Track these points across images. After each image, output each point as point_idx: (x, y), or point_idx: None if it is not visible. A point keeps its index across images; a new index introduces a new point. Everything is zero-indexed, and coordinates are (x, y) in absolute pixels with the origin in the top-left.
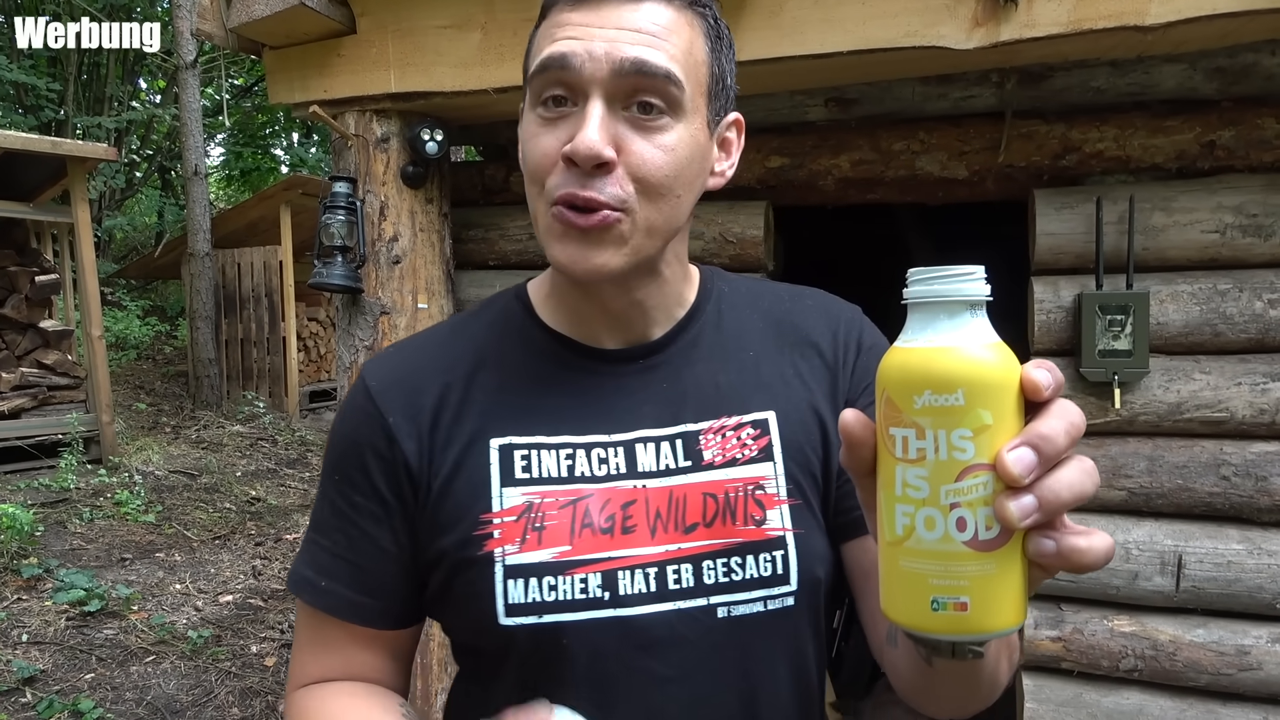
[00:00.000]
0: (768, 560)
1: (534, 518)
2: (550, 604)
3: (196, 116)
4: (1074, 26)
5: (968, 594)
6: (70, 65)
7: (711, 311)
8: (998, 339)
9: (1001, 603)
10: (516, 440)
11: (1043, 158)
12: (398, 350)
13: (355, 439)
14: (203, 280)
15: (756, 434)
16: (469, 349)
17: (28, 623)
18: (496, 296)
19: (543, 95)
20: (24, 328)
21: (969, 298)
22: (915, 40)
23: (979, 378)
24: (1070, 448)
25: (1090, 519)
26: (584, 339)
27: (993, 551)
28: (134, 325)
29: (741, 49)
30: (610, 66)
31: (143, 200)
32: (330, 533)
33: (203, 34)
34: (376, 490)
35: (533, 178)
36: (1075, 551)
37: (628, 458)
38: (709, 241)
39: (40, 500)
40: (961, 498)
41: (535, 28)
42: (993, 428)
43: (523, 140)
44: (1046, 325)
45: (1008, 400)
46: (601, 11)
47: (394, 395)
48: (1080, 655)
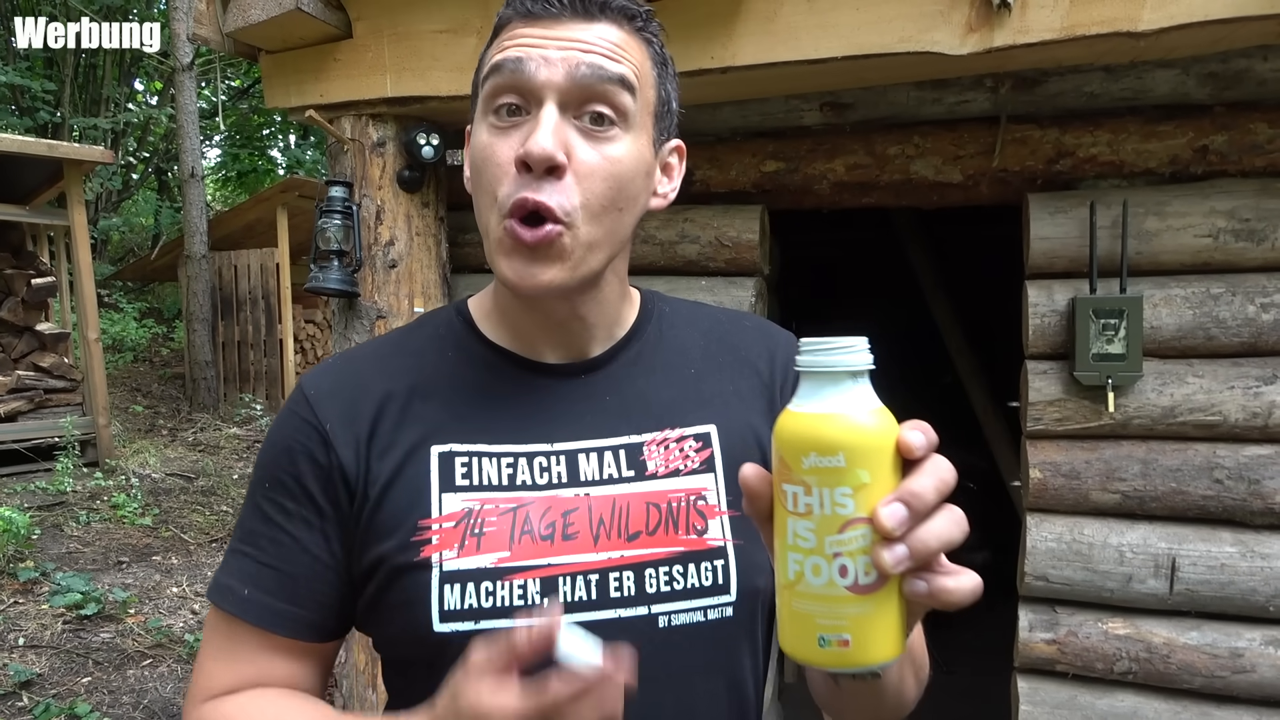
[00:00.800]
0: (708, 570)
1: (473, 524)
2: (487, 610)
3: (193, 119)
4: (1067, 32)
5: (849, 632)
6: (66, 67)
7: (653, 330)
8: (878, 404)
9: (880, 638)
10: (457, 448)
11: (1037, 162)
12: (337, 361)
13: (290, 445)
14: (199, 282)
15: (699, 446)
16: (410, 361)
17: (24, 626)
18: (436, 311)
19: (495, 104)
20: (20, 330)
21: (851, 368)
22: (909, 46)
23: (858, 442)
24: (939, 501)
25: (1084, 522)
26: (526, 353)
27: (871, 594)
28: (131, 327)
29: (736, 54)
30: (566, 71)
31: (139, 202)
32: (258, 541)
33: (199, 39)
34: (310, 496)
35: (485, 188)
36: (944, 591)
37: (569, 467)
38: (704, 245)
39: (37, 503)
40: (844, 548)
41: (487, 46)
42: (870, 485)
43: (473, 151)
44: (1041, 329)
45: (884, 460)
46: (556, 27)
47: (331, 404)
48: (1075, 658)
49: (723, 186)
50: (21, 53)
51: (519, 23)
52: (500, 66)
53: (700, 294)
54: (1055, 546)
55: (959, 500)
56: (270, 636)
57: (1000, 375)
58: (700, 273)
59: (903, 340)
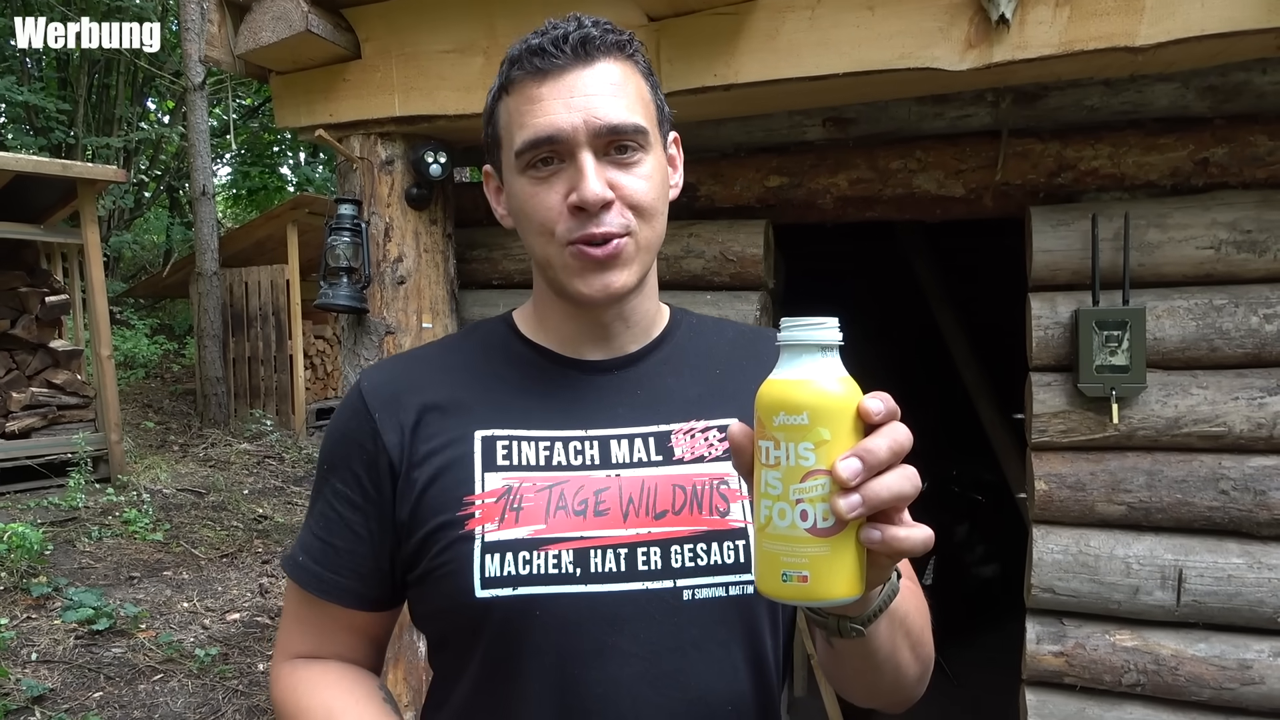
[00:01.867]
0: (730, 549)
1: (512, 499)
2: (524, 577)
3: (204, 137)
4: (1065, 48)
5: (808, 569)
6: (80, 87)
7: (682, 336)
8: (844, 375)
9: (836, 576)
10: (499, 432)
11: (1038, 175)
12: (393, 360)
13: (344, 432)
14: (210, 299)
15: (722, 437)
16: (458, 361)
17: (37, 641)
18: (484, 322)
19: (533, 161)
20: (34, 348)
21: (819, 342)
22: (909, 62)
23: (820, 404)
24: (893, 459)
25: (1090, 534)
26: (568, 353)
27: (828, 537)
28: (142, 344)
29: (739, 72)
30: (590, 130)
31: (151, 219)
32: (315, 516)
33: (211, 60)
34: (357, 479)
35: (540, 229)
36: (895, 540)
37: (602, 451)
38: (709, 260)
39: (49, 519)
40: (805, 495)
41: (496, 98)
42: (830, 443)
43: (518, 200)
44: (1044, 341)
45: (844, 421)
46: (564, 81)
47: (382, 396)
48: (1082, 670)
49: (727, 201)
50: (36, 74)
51: (530, 81)
52: (537, 143)
53: (705, 308)
54: (1062, 558)
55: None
56: (324, 605)
57: (1007, 386)
58: (705, 287)
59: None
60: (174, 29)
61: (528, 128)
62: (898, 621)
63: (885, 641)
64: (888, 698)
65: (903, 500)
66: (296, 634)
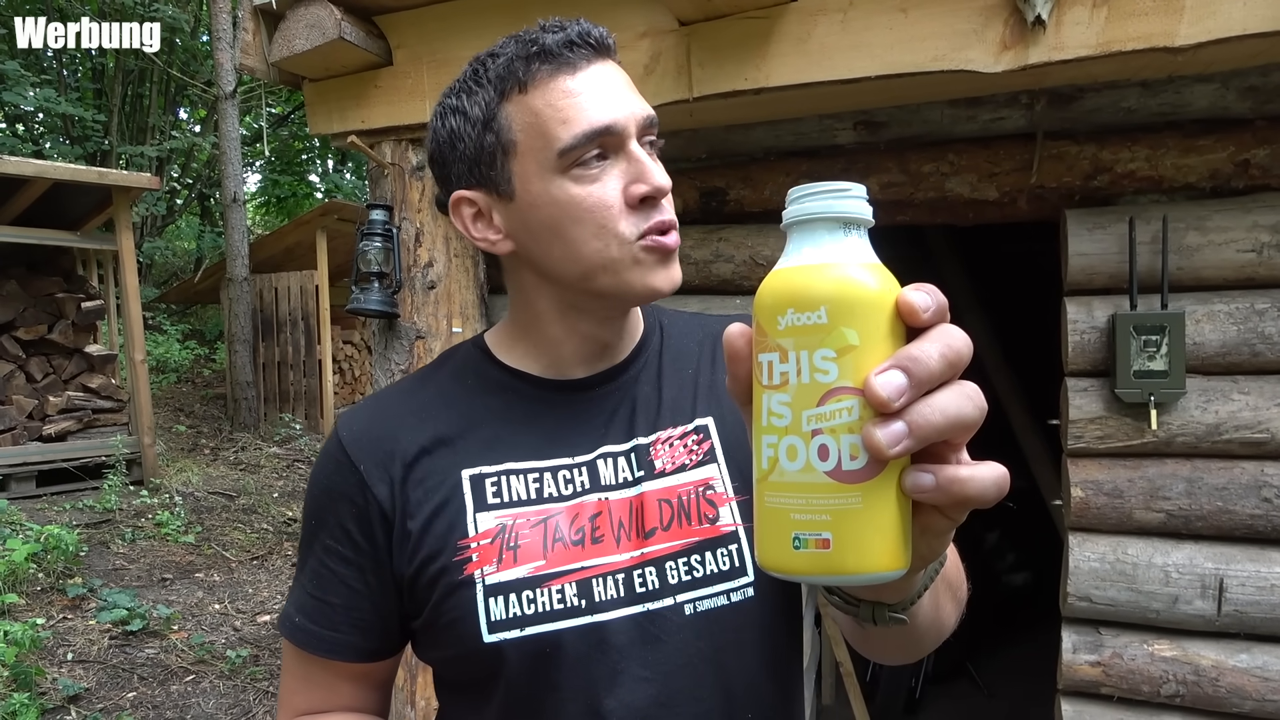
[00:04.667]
0: (724, 555)
1: (508, 538)
2: (531, 616)
3: (235, 145)
4: (1103, 49)
5: (830, 529)
6: (114, 97)
7: (657, 339)
8: (875, 260)
9: (869, 541)
10: (486, 469)
11: (1074, 178)
12: (369, 403)
13: (329, 486)
14: (241, 304)
15: (699, 439)
16: (435, 396)
17: (72, 641)
18: (455, 348)
19: (583, 158)
20: (70, 352)
21: (842, 215)
22: (943, 64)
23: (844, 294)
24: (948, 372)
25: (1128, 541)
26: (549, 373)
27: (859, 484)
28: (174, 349)
29: (770, 75)
30: (638, 122)
31: (183, 226)
32: (307, 573)
33: (246, 69)
34: (348, 534)
35: (600, 230)
36: (955, 482)
37: (590, 475)
38: (739, 265)
39: (85, 521)
40: (824, 423)
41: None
42: (859, 349)
43: (566, 204)
44: (1080, 346)
45: (878, 321)
46: (594, 74)
47: (365, 445)
48: (1120, 680)
49: (756, 206)
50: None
51: (561, 75)
52: (595, 134)
53: (735, 312)
54: (1098, 566)
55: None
56: (324, 661)
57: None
58: (734, 291)
59: None
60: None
61: (577, 121)
62: (940, 582)
63: (929, 612)
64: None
65: (964, 428)
66: (300, 693)
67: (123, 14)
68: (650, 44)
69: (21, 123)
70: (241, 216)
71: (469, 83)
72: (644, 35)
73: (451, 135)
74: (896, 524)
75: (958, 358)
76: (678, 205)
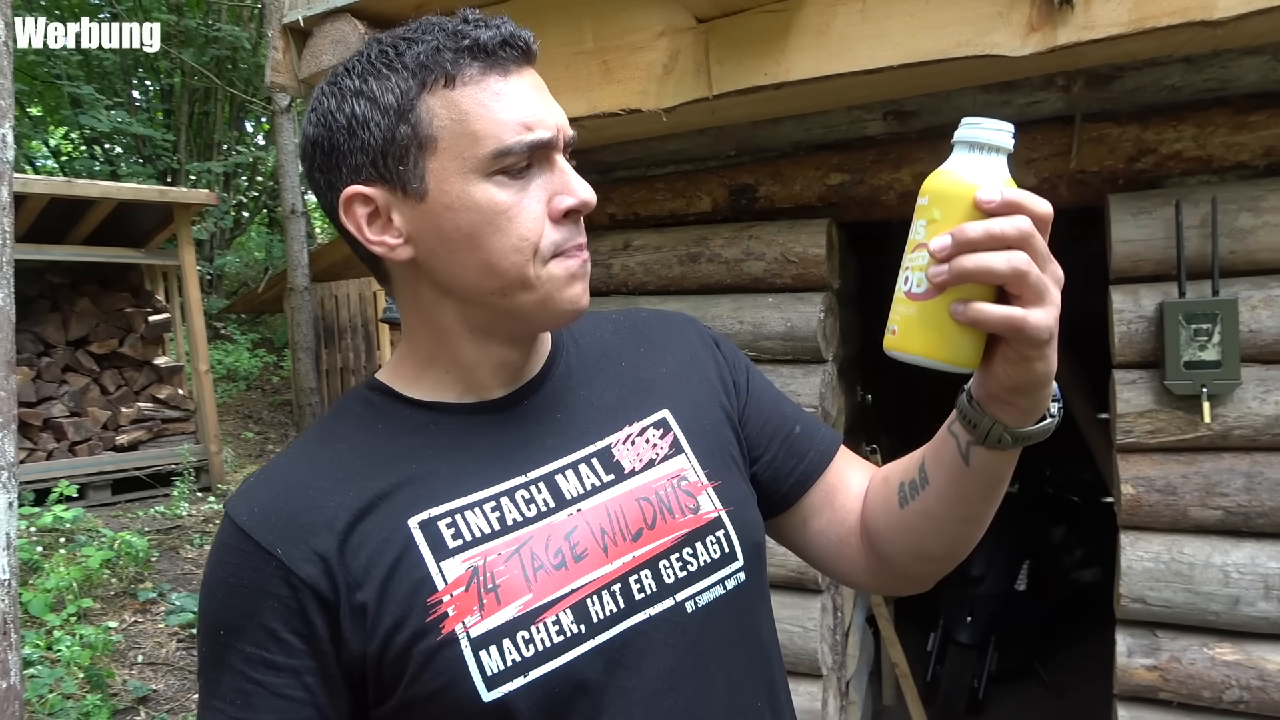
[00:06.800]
0: (714, 542)
1: (484, 580)
2: (531, 659)
3: (292, 158)
4: (1136, 26)
5: (897, 324)
6: (181, 116)
7: (569, 344)
8: (987, 172)
9: (915, 336)
10: (435, 511)
11: (1116, 161)
12: (261, 481)
13: (238, 585)
14: (303, 313)
15: (661, 433)
16: (347, 452)
17: (143, 644)
18: (346, 398)
19: (505, 165)
20: (140, 365)
21: (969, 139)
22: (967, 50)
23: (939, 188)
24: (987, 243)
25: (1184, 540)
26: (466, 398)
27: (916, 300)
28: (244, 358)
29: (790, 69)
30: (565, 133)
31: (254, 237)
32: (224, 695)
33: (276, 86)
34: (272, 634)
35: (520, 244)
36: (975, 311)
37: (552, 490)
38: (770, 262)
39: (155, 527)
40: (910, 264)
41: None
42: (938, 222)
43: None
44: (1127, 336)
45: (957, 206)
46: (525, 80)
47: (276, 525)
48: (1179, 685)
49: (787, 201)
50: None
51: (491, 74)
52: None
53: (767, 310)
54: (1153, 566)
55: None
56: None
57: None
58: (766, 289)
59: None
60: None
61: (510, 125)
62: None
63: (1008, 471)
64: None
65: (989, 275)
66: None
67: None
68: (668, 43)
69: (98, 144)
70: (300, 227)
71: (377, 65)
72: (661, 34)
73: (352, 122)
74: (939, 330)
75: (1002, 237)
76: (706, 203)
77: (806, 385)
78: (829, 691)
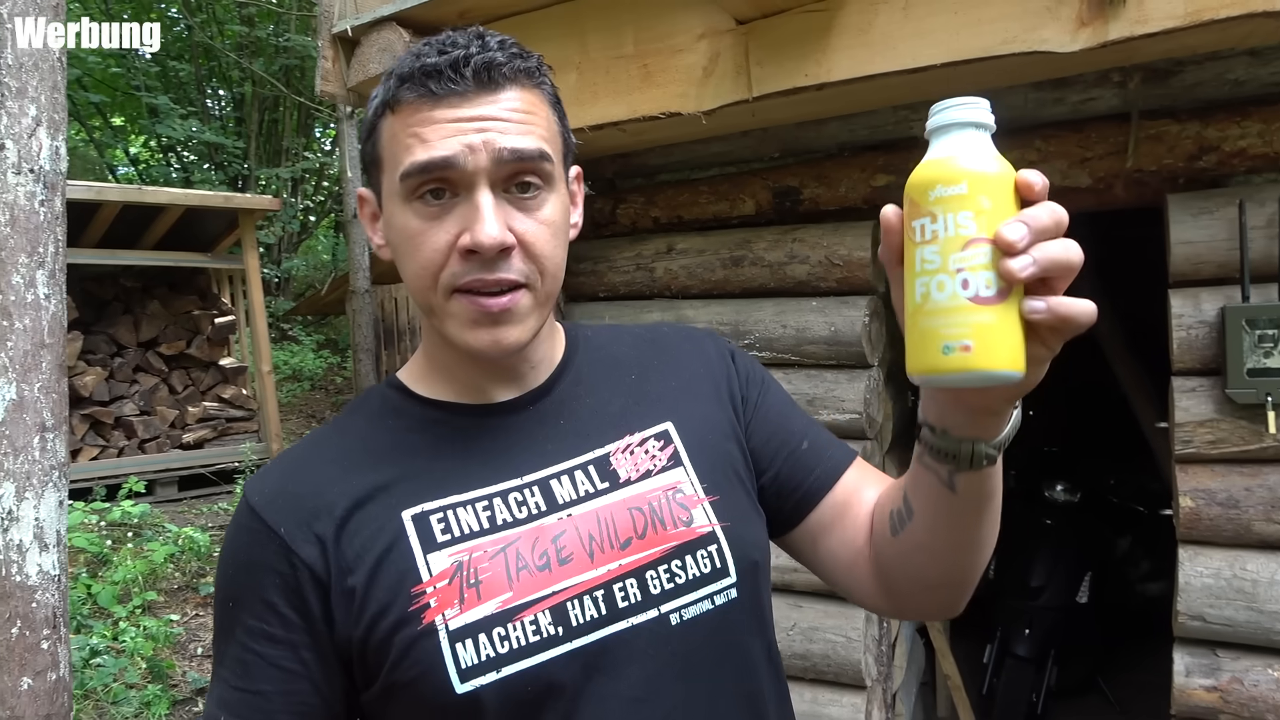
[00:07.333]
0: (705, 556)
1: (467, 575)
2: (505, 655)
3: (354, 163)
4: (1193, 18)
5: (972, 338)
6: (252, 123)
7: (583, 352)
8: (997, 153)
9: (1000, 347)
10: (428, 506)
11: (1176, 160)
12: (277, 464)
13: (245, 560)
14: (363, 315)
15: (661, 445)
16: (354, 443)
17: (203, 637)
18: (367, 394)
19: (420, 191)
20: (206, 365)
21: (971, 120)
22: (1014, 47)
23: (978, 173)
24: (1055, 229)
25: (1247, 556)
26: (473, 400)
27: (992, 305)
28: (308, 358)
29: (831, 70)
30: (490, 157)
31: (322, 240)
32: (228, 664)
33: (326, 94)
34: (274, 609)
35: (422, 271)
36: (1061, 305)
37: (545, 494)
38: (814, 265)
39: (219, 523)
40: (966, 263)
41: (378, 114)
42: (990, 211)
43: (398, 232)
44: (1187, 342)
45: (1004, 193)
46: (465, 106)
47: (283, 505)
48: (1240, 708)
49: (832, 204)
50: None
51: (425, 104)
52: (428, 168)
53: (811, 315)
54: (1213, 583)
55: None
56: None
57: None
58: (810, 293)
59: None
60: None
61: (415, 150)
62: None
63: (998, 483)
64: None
65: (1069, 269)
66: None
67: (257, 47)
68: (708, 45)
69: (173, 152)
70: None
71: (383, 81)
72: (701, 37)
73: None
74: (1017, 336)
75: (1061, 220)
76: (750, 206)
77: (850, 391)
78: (873, 703)
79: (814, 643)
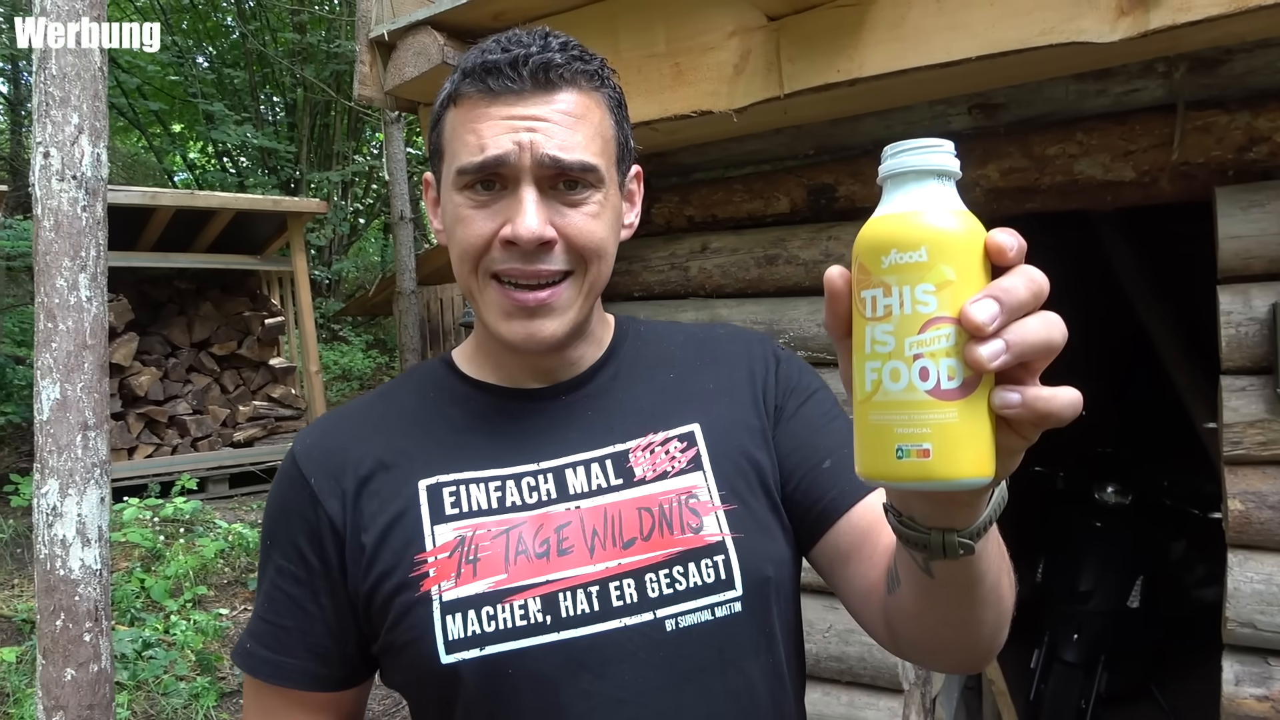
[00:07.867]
0: (709, 566)
1: (467, 551)
2: (491, 634)
3: (401, 166)
4: (1239, 5)
5: (930, 440)
6: (303, 128)
7: (629, 348)
8: (963, 208)
9: (965, 451)
10: (444, 478)
11: (1225, 152)
12: (325, 419)
13: (282, 504)
14: (409, 315)
15: (684, 446)
16: (394, 409)
17: None
18: (422, 364)
19: (472, 182)
20: (257, 365)
21: (934, 168)
22: (1052, 38)
23: (940, 237)
24: (1034, 303)
25: None
26: (511, 384)
27: (954, 400)
28: (357, 358)
29: (864, 65)
30: (535, 161)
31: (373, 241)
32: (261, 597)
33: (363, 98)
34: (300, 552)
35: (465, 255)
36: (1038, 399)
37: (558, 483)
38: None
39: None
40: (925, 348)
41: (444, 106)
42: (955, 283)
43: (450, 218)
44: (1236, 340)
45: (971, 260)
46: (519, 105)
47: (316, 459)
48: None
49: (868, 201)
50: (270, 120)
51: (482, 100)
52: (482, 167)
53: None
54: (1264, 589)
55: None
56: (283, 691)
57: None
58: None
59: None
60: None
61: (471, 147)
62: (995, 536)
63: (993, 562)
64: (983, 647)
65: (1050, 351)
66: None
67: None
68: (739, 43)
69: (227, 157)
70: (409, 232)
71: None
72: (732, 34)
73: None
74: (986, 436)
75: (1040, 290)
76: (784, 204)
77: None
78: (911, 708)
79: (850, 645)
